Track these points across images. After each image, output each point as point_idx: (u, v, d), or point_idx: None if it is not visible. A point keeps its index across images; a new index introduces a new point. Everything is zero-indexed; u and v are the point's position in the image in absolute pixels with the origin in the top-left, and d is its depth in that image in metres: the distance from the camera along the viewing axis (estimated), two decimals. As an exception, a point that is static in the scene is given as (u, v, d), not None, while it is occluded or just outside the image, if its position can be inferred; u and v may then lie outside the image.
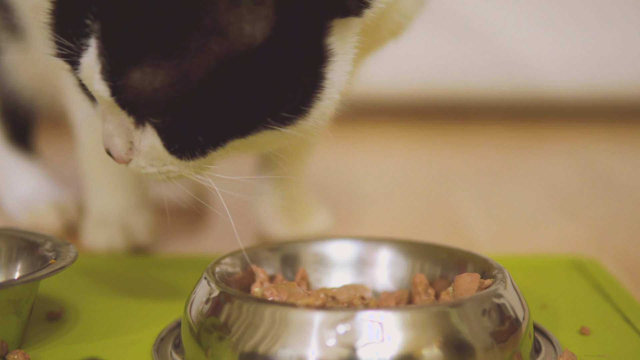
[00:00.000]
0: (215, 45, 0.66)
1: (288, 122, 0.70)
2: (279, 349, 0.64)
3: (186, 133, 0.69)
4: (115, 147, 0.72)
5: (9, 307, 0.71)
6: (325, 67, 0.70)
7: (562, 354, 0.71)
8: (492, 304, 0.67)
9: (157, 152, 0.71)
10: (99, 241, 1.00)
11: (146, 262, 0.97)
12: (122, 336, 0.76)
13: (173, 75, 0.66)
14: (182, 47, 0.66)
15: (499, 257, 0.78)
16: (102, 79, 0.67)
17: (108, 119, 0.71)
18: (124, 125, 0.71)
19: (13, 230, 0.82)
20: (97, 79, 0.67)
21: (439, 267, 0.78)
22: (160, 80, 0.66)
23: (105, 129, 0.72)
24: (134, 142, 0.71)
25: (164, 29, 0.66)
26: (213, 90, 0.67)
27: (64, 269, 0.73)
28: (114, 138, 0.71)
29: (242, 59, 0.67)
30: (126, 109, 0.69)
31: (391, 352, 0.63)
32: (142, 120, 0.70)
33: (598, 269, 0.91)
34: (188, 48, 0.66)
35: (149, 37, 0.66)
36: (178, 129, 0.69)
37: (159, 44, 0.66)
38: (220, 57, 0.67)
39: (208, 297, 0.69)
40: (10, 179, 1.15)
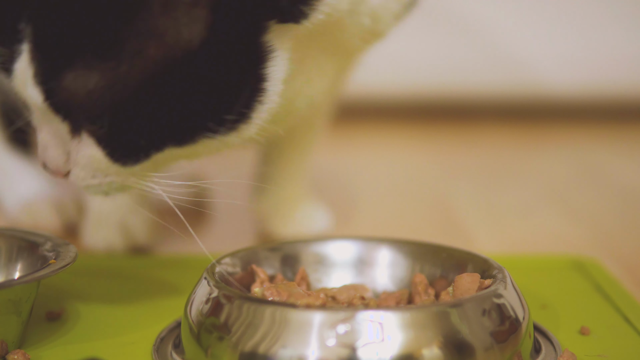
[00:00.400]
0: (153, 49, 0.66)
1: (230, 126, 0.69)
2: (279, 349, 0.64)
3: (126, 137, 0.68)
4: (50, 159, 0.71)
5: (9, 307, 0.71)
6: (265, 68, 0.69)
7: (562, 354, 0.71)
8: (492, 304, 0.67)
9: (97, 162, 0.70)
10: (98, 241, 1.00)
11: (146, 262, 0.97)
12: (122, 336, 0.76)
13: (108, 78, 0.66)
14: (118, 50, 0.65)
15: (499, 257, 0.78)
16: (35, 83, 0.66)
17: (43, 129, 0.70)
18: (60, 136, 0.70)
19: (13, 230, 0.82)
20: (30, 83, 0.67)
21: (439, 267, 0.78)
22: (94, 82, 0.66)
23: (40, 140, 0.70)
24: (71, 153, 0.70)
25: (98, 32, 0.65)
26: (151, 93, 0.67)
27: (64, 269, 0.73)
28: (49, 149, 0.70)
29: (180, 62, 0.66)
30: (61, 113, 0.68)
31: (391, 352, 0.63)
32: (78, 128, 0.69)
33: (598, 269, 0.91)
34: (124, 51, 0.65)
35: (83, 40, 0.65)
36: (117, 134, 0.68)
37: (93, 47, 0.65)
38: (157, 61, 0.66)
39: (208, 297, 0.69)
40: (10, 179, 1.15)
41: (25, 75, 0.67)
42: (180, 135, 0.69)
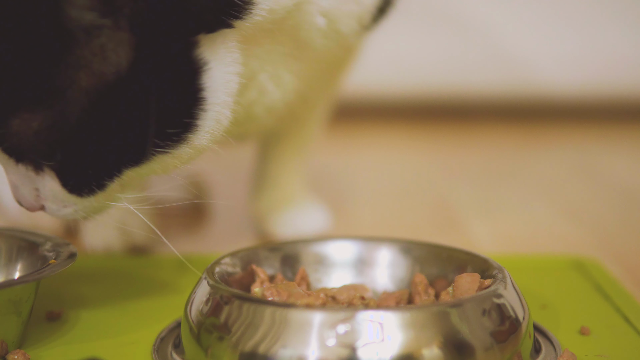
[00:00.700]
0: (84, 80, 0.67)
1: (177, 139, 0.70)
2: (279, 349, 0.64)
3: (78, 170, 0.70)
4: (22, 197, 0.73)
5: (9, 307, 0.71)
6: (200, 78, 0.70)
7: (562, 354, 0.71)
8: (492, 304, 0.67)
9: (60, 194, 0.72)
10: (98, 241, 1.00)
11: (146, 262, 0.97)
12: (122, 336, 0.76)
13: (49, 117, 0.67)
14: (52, 88, 0.67)
15: (499, 257, 0.78)
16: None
17: (9, 170, 0.72)
18: (26, 174, 0.72)
19: (13, 230, 0.82)
20: None
21: (439, 267, 0.78)
22: (37, 123, 0.67)
23: (10, 182, 0.73)
24: (39, 189, 0.72)
25: (32, 74, 0.66)
26: (93, 123, 0.68)
27: (64, 269, 0.73)
28: (20, 189, 0.73)
29: (113, 86, 0.67)
30: (14, 156, 0.70)
31: (391, 352, 0.63)
32: (39, 165, 0.71)
33: (598, 269, 0.91)
34: (58, 88, 0.67)
35: (21, 85, 0.67)
36: (69, 168, 0.70)
37: (30, 89, 0.67)
38: (91, 90, 0.67)
39: (208, 297, 0.69)
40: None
41: None
42: (131, 157, 0.70)
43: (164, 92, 0.68)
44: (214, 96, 0.71)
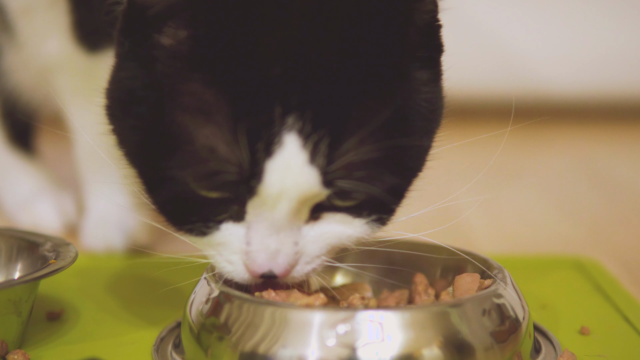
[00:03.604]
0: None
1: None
2: (279, 349, 0.64)
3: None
4: (280, 264, 0.65)
5: (9, 307, 0.71)
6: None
7: (562, 354, 0.71)
8: (492, 304, 0.67)
9: (324, 242, 0.67)
10: (98, 241, 0.99)
11: (146, 262, 0.96)
12: (122, 336, 0.76)
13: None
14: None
15: (499, 257, 0.78)
16: (312, 165, 0.62)
17: (276, 229, 0.65)
18: (291, 231, 0.65)
19: (13, 230, 0.82)
20: (301, 170, 0.62)
21: (439, 267, 0.78)
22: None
23: (267, 246, 0.65)
24: (298, 242, 0.66)
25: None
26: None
27: (64, 269, 0.73)
28: (281, 254, 0.65)
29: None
30: (340, 196, 0.64)
31: (391, 352, 0.63)
32: (325, 208, 0.66)
33: (598, 269, 0.91)
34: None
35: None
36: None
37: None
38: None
39: (208, 297, 0.69)
40: (10, 179, 1.14)
41: (291, 164, 0.62)
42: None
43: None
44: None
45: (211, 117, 0.61)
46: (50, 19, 0.91)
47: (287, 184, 0.62)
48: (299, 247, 0.66)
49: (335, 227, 0.66)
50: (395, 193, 0.67)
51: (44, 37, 0.93)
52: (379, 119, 0.62)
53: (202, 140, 0.62)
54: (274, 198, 0.63)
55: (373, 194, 0.64)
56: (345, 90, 0.62)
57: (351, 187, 0.63)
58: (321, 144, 0.61)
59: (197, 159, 0.62)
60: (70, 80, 0.96)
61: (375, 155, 0.63)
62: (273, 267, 0.65)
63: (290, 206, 0.63)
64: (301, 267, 0.67)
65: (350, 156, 0.62)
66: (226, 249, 0.66)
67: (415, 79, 0.66)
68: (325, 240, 0.66)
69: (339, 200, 0.65)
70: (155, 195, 0.66)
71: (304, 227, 0.66)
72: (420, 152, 0.68)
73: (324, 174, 0.62)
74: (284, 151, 0.61)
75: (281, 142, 0.61)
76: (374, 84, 0.63)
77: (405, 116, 0.65)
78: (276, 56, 0.61)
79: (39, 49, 0.94)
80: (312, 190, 0.63)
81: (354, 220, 0.66)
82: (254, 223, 0.65)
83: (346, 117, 0.62)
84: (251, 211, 0.64)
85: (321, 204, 0.65)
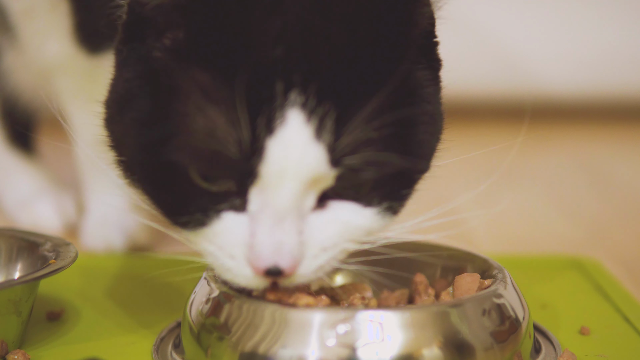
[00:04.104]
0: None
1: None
2: (279, 349, 0.64)
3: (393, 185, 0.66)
4: (285, 257, 0.62)
5: (9, 307, 0.71)
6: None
7: (562, 354, 0.71)
8: (492, 304, 0.67)
9: (336, 232, 0.64)
10: (98, 241, 1.00)
11: (146, 262, 0.96)
12: (122, 336, 0.76)
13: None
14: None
15: (499, 257, 0.78)
16: (318, 141, 0.60)
17: (280, 218, 0.62)
18: (298, 216, 0.63)
19: (13, 230, 0.82)
20: (309, 145, 0.60)
21: (439, 267, 0.78)
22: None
23: (272, 237, 0.62)
24: (303, 232, 0.63)
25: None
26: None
27: (64, 269, 0.73)
28: (285, 244, 0.62)
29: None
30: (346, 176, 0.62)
31: (391, 352, 0.63)
32: (335, 195, 0.64)
33: (598, 269, 0.91)
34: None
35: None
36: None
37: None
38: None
39: (208, 297, 0.69)
40: (10, 179, 1.15)
41: (294, 140, 0.60)
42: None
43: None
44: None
45: (210, 100, 0.61)
46: (51, 22, 0.91)
47: (290, 161, 0.60)
48: (304, 237, 0.63)
49: (343, 216, 0.64)
50: (405, 177, 0.66)
51: (44, 39, 0.93)
52: (383, 94, 0.61)
53: (201, 123, 0.61)
54: (277, 178, 0.61)
55: (382, 171, 0.62)
56: (350, 66, 0.61)
57: (359, 164, 0.61)
58: (327, 118, 0.60)
59: (196, 141, 0.61)
60: (71, 82, 0.96)
61: (384, 133, 0.61)
62: (278, 261, 0.62)
63: (294, 188, 0.61)
64: (308, 262, 0.63)
65: (358, 132, 0.60)
66: (228, 242, 0.64)
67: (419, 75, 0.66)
68: (332, 228, 0.64)
69: (347, 186, 0.63)
70: (153, 188, 0.66)
71: (310, 215, 0.63)
72: (427, 142, 0.67)
73: (330, 151, 0.60)
74: (287, 127, 0.60)
75: (283, 117, 0.60)
76: (377, 63, 0.62)
77: (410, 97, 0.64)
78: (277, 38, 0.60)
79: (40, 50, 0.95)
80: (318, 169, 0.61)
81: (364, 210, 0.65)
82: (258, 213, 0.62)
83: (351, 93, 0.61)
84: (254, 199, 0.62)
85: (328, 192, 0.63)
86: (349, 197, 0.64)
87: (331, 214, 0.64)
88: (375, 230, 0.66)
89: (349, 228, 0.65)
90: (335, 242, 0.64)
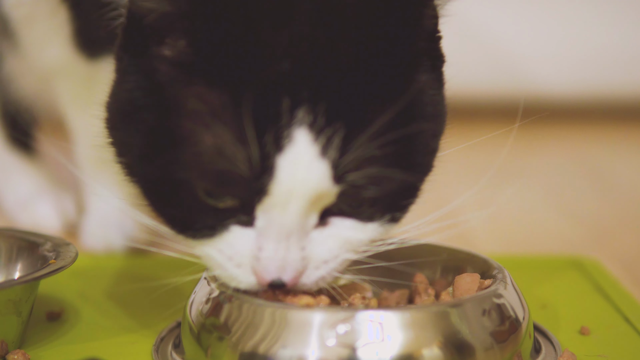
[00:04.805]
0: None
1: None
2: (279, 349, 0.64)
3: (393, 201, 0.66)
4: (288, 272, 0.64)
5: (9, 307, 0.71)
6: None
7: (562, 354, 0.71)
8: (492, 304, 0.67)
9: (335, 245, 0.65)
10: (98, 241, 1.00)
11: (146, 262, 0.96)
12: (122, 336, 0.76)
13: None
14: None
15: (499, 257, 0.78)
16: (323, 159, 0.61)
17: (285, 235, 0.63)
18: (301, 233, 0.64)
19: (13, 230, 0.82)
20: (314, 163, 0.61)
21: (439, 267, 0.78)
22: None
23: (278, 254, 0.64)
24: (306, 247, 0.64)
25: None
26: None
27: (64, 269, 0.73)
28: (288, 260, 0.64)
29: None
30: (351, 193, 0.63)
31: (391, 352, 0.63)
32: (337, 212, 0.64)
33: (598, 269, 0.91)
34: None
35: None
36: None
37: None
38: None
39: (208, 297, 0.69)
40: (10, 179, 1.15)
41: (301, 157, 0.61)
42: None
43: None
44: None
45: (217, 118, 0.61)
46: (51, 28, 0.92)
47: (297, 179, 0.61)
48: (306, 252, 0.64)
49: (344, 232, 0.65)
50: (407, 189, 0.66)
51: (45, 45, 0.94)
52: (388, 113, 0.61)
53: (209, 141, 0.61)
54: (286, 196, 0.61)
55: (384, 187, 0.63)
56: (357, 82, 0.61)
57: (363, 181, 0.62)
58: (334, 136, 0.60)
59: (204, 159, 0.61)
60: (71, 86, 0.96)
61: (386, 150, 0.62)
62: (282, 275, 0.64)
63: (300, 206, 0.62)
64: (310, 272, 0.65)
65: (361, 150, 0.61)
66: (234, 252, 0.65)
67: (422, 79, 0.65)
68: (333, 243, 0.65)
69: (349, 203, 0.64)
70: (159, 203, 0.66)
71: (313, 232, 0.64)
72: (430, 148, 0.68)
73: (334, 168, 0.61)
74: (295, 145, 0.60)
75: (291, 136, 0.60)
76: (383, 79, 0.62)
77: (414, 111, 0.64)
78: (284, 53, 0.60)
79: (41, 56, 0.95)
80: (322, 186, 0.61)
81: (364, 226, 0.65)
82: (264, 229, 0.63)
83: (359, 109, 0.61)
84: (261, 216, 0.63)
85: (330, 209, 0.64)
86: (351, 213, 0.65)
87: (333, 230, 0.65)
88: (376, 239, 0.67)
89: (351, 242, 0.66)
90: (336, 254, 0.66)
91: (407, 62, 0.64)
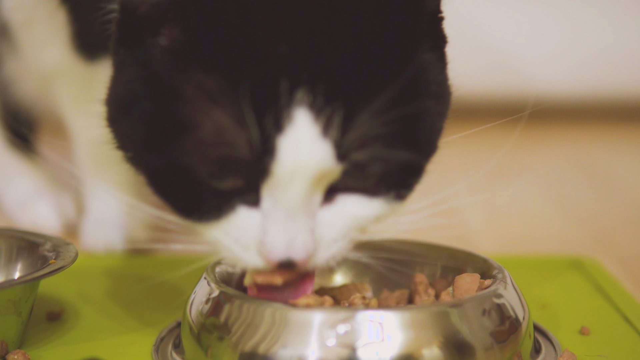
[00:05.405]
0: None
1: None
2: (279, 349, 0.64)
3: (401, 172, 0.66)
4: (299, 251, 0.64)
5: (9, 307, 0.71)
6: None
7: (562, 354, 0.71)
8: (492, 304, 0.67)
9: (345, 223, 0.65)
10: (98, 241, 1.00)
11: (146, 262, 0.97)
12: (122, 336, 0.76)
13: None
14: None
15: (499, 257, 0.78)
16: (325, 138, 0.61)
17: (292, 214, 0.63)
18: (308, 212, 0.64)
19: (13, 230, 0.82)
20: (317, 142, 0.61)
21: (439, 267, 0.78)
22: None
23: (285, 234, 0.64)
24: (315, 227, 0.64)
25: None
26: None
27: (64, 269, 0.73)
28: (298, 240, 0.64)
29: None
30: (357, 170, 0.63)
31: (391, 352, 0.63)
32: (342, 188, 0.64)
33: (598, 269, 0.91)
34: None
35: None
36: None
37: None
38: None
39: (208, 297, 0.69)
40: (10, 179, 1.15)
41: (303, 137, 0.61)
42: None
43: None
44: None
45: (216, 102, 0.61)
46: (50, 30, 0.92)
47: (300, 159, 0.61)
48: (316, 232, 0.64)
49: (351, 208, 0.65)
50: (412, 167, 0.66)
51: (44, 47, 0.94)
52: (391, 90, 0.61)
53: (209, 125, 0.61)
54: (289, 176, 0.61)
55: (389, 165, 0.63)
56: (357, 60, 0.61)
57: (366, 158, 0.62)
58: (335, 115, 0.60)
59: (205, 144, 0.61)
60: (70, 87, 0.97)
61: (391, 128, 0.62)
62: (291, 255, 0.63)
63: (304, 185, 0.62)
64: (322, 252, 0.65)
65: (364, 128, 0.61)
66: (242, 234, 0.65)
67: (424, 58, 0.65)
68: (342, 222, 0.65)
69: (354, 179, 0.64)
70: (164, 189, 0.66)
71: (320, 210, 0.64)
72: (434, 127, 0.67)
73: (337, 147, 0.61)
74: (295, 125, 0.60)
75: (291, 116, 0.60)
76: (383, 58, 0.62)
77: (418, 89, 0.64)
78: (280, 34, 0.60)
79: (39, 58, 0.96)
80: (325, 165, 0.61)
81: (370, 201, 0.65)
82: (270, 209, 0.63)
83: (359, 88, 0.61)
84: (266, 197, 0.63)
85: (335, 185, 0.64)
86: (356, 189, 0.65)
87: (340, 207, 0.65)
88: (383, 217, 0.67)
89: (358, 219, 0.66)
90: (345, 233, 0.66)
91: (407, 40, 0.63)
